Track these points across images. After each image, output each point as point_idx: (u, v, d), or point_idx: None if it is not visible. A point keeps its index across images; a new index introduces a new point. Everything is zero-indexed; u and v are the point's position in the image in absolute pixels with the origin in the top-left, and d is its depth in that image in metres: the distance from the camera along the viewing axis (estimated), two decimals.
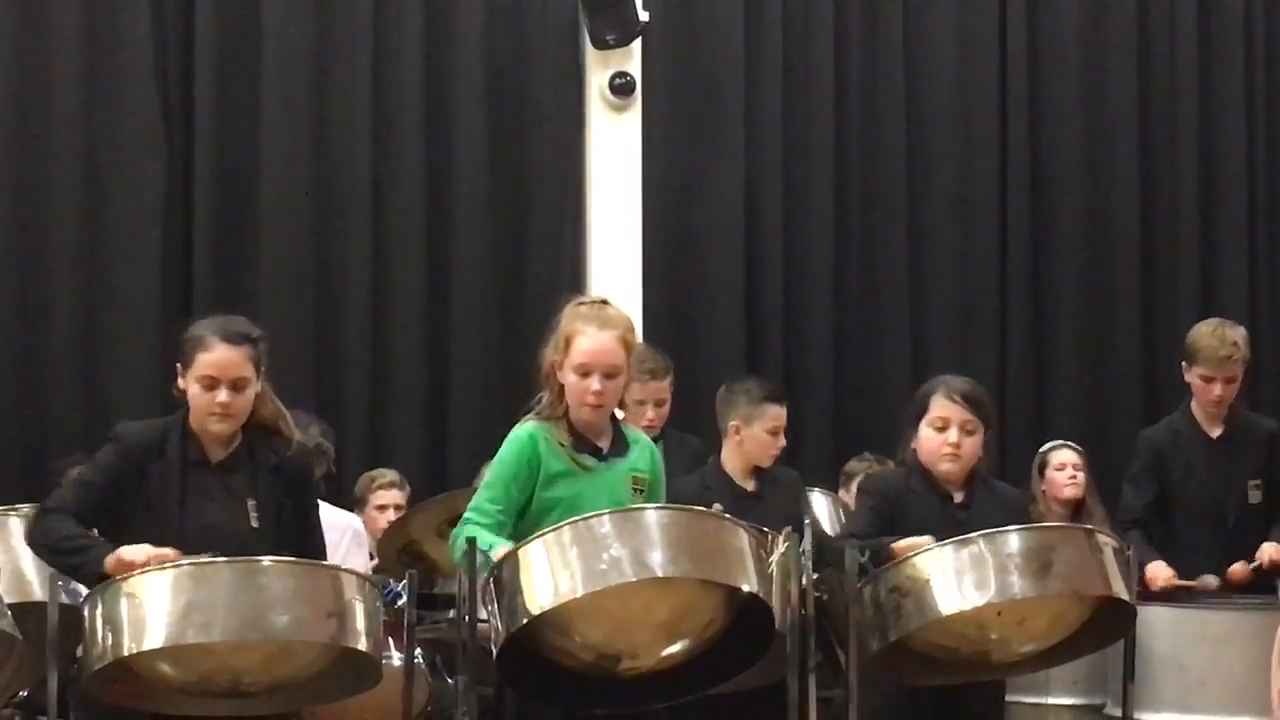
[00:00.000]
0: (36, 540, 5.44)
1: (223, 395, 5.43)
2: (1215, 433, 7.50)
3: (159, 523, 5.38)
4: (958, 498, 6.05)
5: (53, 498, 5.54)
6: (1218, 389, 7.39)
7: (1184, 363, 7.48)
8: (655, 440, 7.22)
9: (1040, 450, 8.79)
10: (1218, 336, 7.39)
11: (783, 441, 7.08)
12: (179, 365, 5.53)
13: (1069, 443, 8.81)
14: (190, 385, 5.47)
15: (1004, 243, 10.62)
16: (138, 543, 5.25)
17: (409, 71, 9.58)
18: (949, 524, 5.86)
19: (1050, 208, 10.73)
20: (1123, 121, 10.81)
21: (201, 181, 9.19)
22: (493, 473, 5.51)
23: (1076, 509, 8.50)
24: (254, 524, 5.46)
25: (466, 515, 5.47)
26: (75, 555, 5.27)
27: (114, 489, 5.44)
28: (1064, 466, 8.62)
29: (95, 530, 5.41)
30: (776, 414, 7.04)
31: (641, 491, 5.54)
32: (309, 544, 5.57)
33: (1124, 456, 9.93)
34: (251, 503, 5.48)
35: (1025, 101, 10.68)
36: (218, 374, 5.43)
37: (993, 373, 10.20)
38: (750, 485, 7.00)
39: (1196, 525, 7.40)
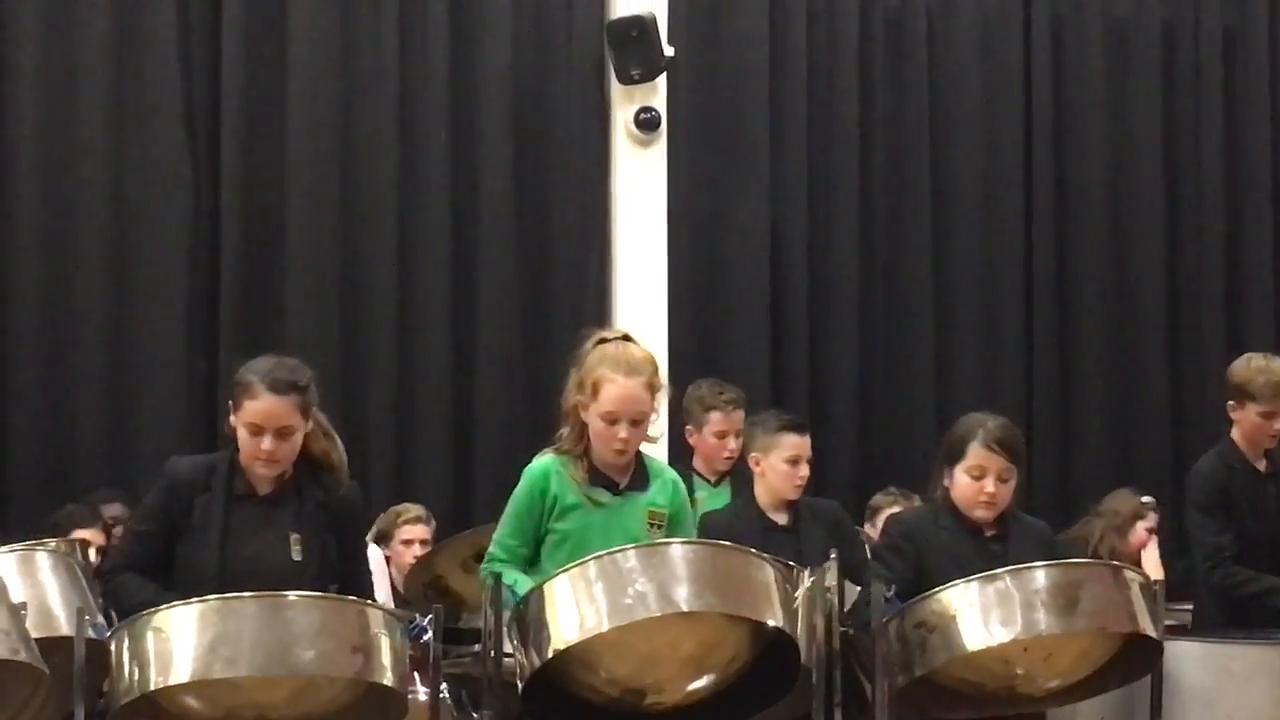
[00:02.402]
0: (112, 605, 5.56)
1: (267, 443, 5.50)
2: (1260, 466, 7.36)
3: (201, 554, 5.46)
4: (989, 533, 6.02)
5: (114, 554, 5.65)
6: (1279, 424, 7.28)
7: (1231, 401, 7.32)
8: (725, 475, 7.35)
9: (1140, 499, 8.76)
10: (1273, 372, 7.25)
11: (804, 471, 6.94)
12: (230, 403, 5.61)
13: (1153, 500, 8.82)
14: (238, 429, 5.55)
15: (1029, 274, 10.63)
16: (181, 573, 5.39)
17: (434, 106, 9.61)
18: (984, 560, 5.81)
19: (1076, 239, 10.74)
20: (1147, 152, 10.84)
21: (228, 218, 9.21)
22: (510, 507, 5.55)
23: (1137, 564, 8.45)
24: (296, 557, 5.52)
25: (490, 551, 5.51)
26: None
27: (166, 529, 5.54)
28: (1152, 531, 8.62)
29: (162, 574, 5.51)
30: (794, 443, 6.92)
31: (660, 526, 5.53)
32: (354, 582, 5.61)
33: (1151, 489, 9.94)
34: (295, 536, 5.54)
35: (1050, 133, 10.71)
36: (263, 423, 5.50)
37: (1019, 406, 10.19)
38: (782, 519, 6.88)
39: (1257, 561, 7.22)
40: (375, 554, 8.15)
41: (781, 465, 6.89)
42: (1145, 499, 8.82)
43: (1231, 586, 7.05)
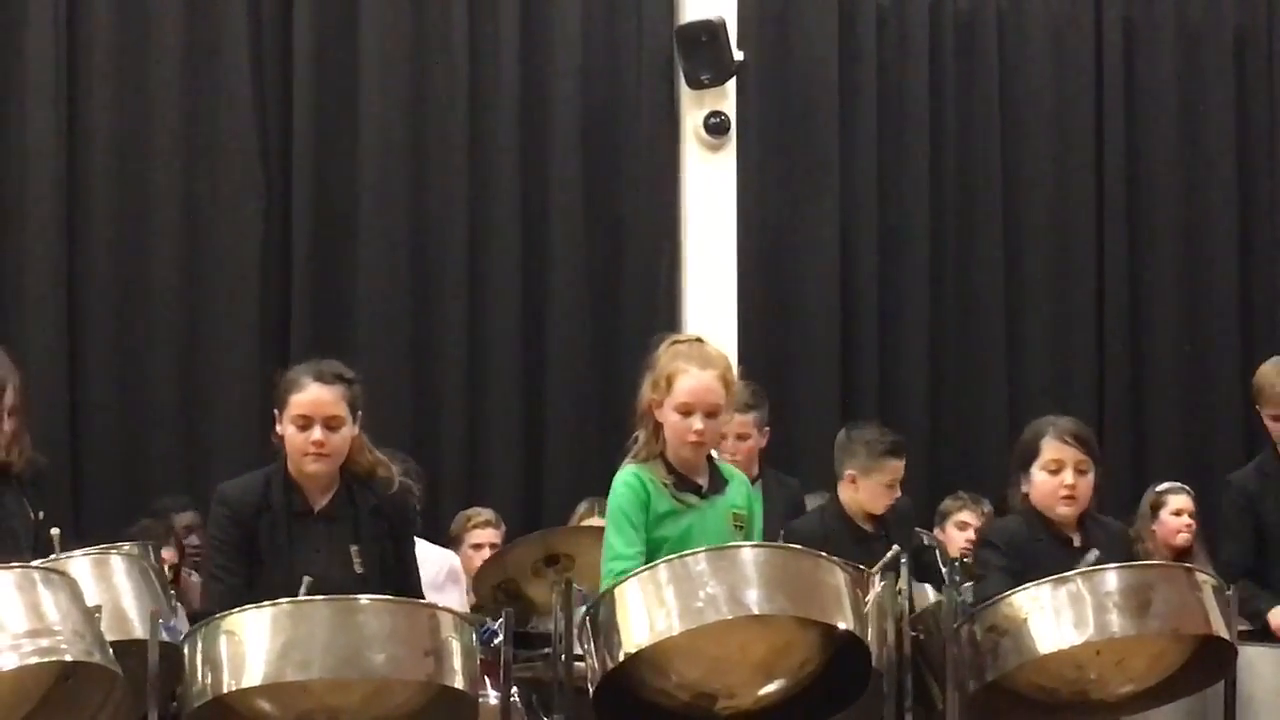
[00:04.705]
0: None
1: (316, 434, 5.53)
2: None
3: (272, 577, 5.48)
4: (1076, 541, 6.00)
5: (208, 599, 5.65)
6: None
7: (1256, 405, 7.11)
8: (754, 480, 7.35)
9: (1155, 490, 8.66)
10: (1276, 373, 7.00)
11: (898, 493, 7.05)
12: (275, 411, 5.63)
13: (1184, 486, 8.66)
14: (286, 428, 5.58)
15: (1101, 281, 10.57)
16: (251, 595, 5.35)
17: (505, 111, 9.62)
18: (1074, 569, 5.78)
19: (1147, 245, 10.68)
20: (1219, 157, 10.76)
21: (299, 225, 9.25)
22: (615, 520, 5.47)
23: (1181, 555, 8.34)
24: (358, 570, 5.56)
25: (609, 567, 5.41)
26: None
27: (245, 553, 5.57)
28: (1181, 513, 8.49)
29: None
30: (895, 468, 7.02)
31: (741, 528, 5.55)
32: (407, 584, 5.66)
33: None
34: (355, 549, 5.58)
35: (1121, 141, 10.64)
36: (311, 413, 5.54)
37: (1091, 414, 10.11)
38: (869, 526, 6.98)
39: None
40: (452, 557, 8.17)
41: (880, 488, 6.99)
42: (1163, 486, 8.72)
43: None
